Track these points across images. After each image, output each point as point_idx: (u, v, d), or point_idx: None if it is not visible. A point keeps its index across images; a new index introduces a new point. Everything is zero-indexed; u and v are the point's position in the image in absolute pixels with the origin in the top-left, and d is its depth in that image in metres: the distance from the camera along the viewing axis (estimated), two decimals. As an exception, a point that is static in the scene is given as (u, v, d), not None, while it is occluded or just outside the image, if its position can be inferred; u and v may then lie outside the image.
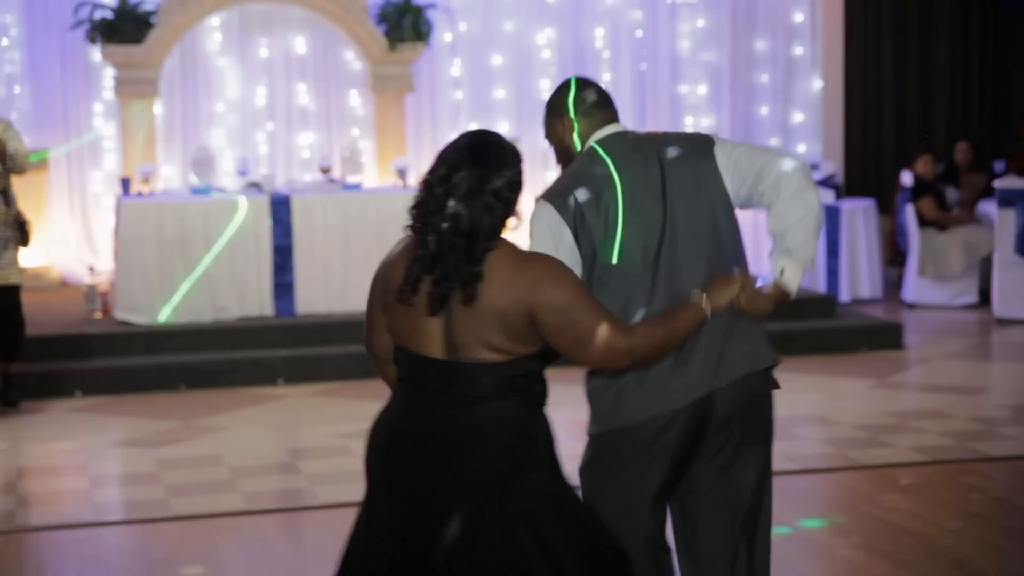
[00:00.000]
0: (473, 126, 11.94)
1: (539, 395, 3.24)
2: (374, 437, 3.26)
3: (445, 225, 3.09)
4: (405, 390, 3.24)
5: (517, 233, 3.23)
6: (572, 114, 3.64)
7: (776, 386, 3.77)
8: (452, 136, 3.37)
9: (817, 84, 12.54)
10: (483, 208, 3.10)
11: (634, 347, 3.20)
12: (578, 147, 3.64)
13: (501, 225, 3.14)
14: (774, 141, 12.46)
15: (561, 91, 3.68)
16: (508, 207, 3.14)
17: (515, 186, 3.16)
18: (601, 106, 3.66)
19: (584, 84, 3.69)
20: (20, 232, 7.91)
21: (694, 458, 3.60)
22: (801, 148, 12.49)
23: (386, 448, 3.22)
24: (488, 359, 3.13)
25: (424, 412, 3.18)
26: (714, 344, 3.54)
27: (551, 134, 3.70)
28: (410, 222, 3.18)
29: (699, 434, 3.56)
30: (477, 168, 3.11)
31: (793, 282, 3.66)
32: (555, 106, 3.67)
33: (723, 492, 3.68)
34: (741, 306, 3.55)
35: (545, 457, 3.22)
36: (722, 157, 3.55)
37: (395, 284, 3.18)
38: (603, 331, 3.14)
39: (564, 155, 3.68)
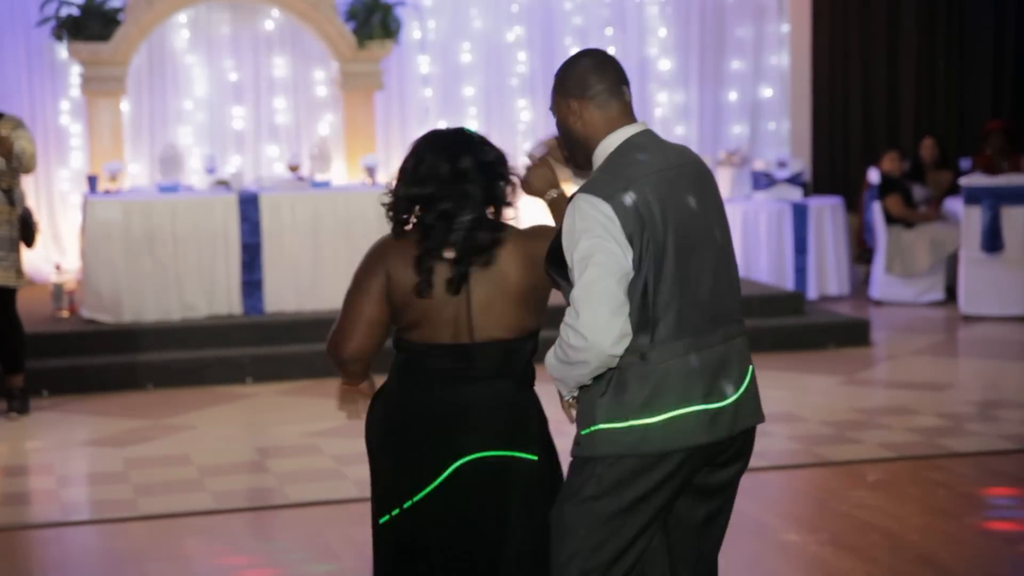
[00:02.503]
0: (443, 124, 11.95)
1: (533, 375, 3.48)
2: (394, 423, 3.41)
3: (467, 212, 3.32)
4: (416, 376, 3.37)
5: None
6: (582, 96, 3.17)
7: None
8: (421, 133, 3.44)
9: (785, 84, 12.60)
10: (497, 178, 3.37)
11: None
12: (591, 141, 3.21)
13: (511, 193, 3.41)
14: (739, 129, 12.52)
15: (568, 68, 3.21)
16: (509, 177, 3.40)
17: (504, 158, 3.42)
18: (614, 90, 3.19)
19: (600, 62, 3.20)
20: (25, 232, 7.82)
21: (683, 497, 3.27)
22: (771, 145, 12.56)
23: (407, 429, 3.38)
24: (499, 336, 3.35)
25: (448, 390, 3.35)
26: (737, 378, 3.24)
27: (557, 114, 3.26)
28: (403, 216, 3.34)
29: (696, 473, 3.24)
30: (475, 148, 3.36)
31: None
32: (561, 86, 3.22)
33: (700, 538, 3.32)
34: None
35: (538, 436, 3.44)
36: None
37: (408, 281, 3.32)
38: None
39: (575, 145, 3.26)
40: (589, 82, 3.16)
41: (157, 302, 9.04)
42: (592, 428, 3.13)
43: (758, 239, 11.39)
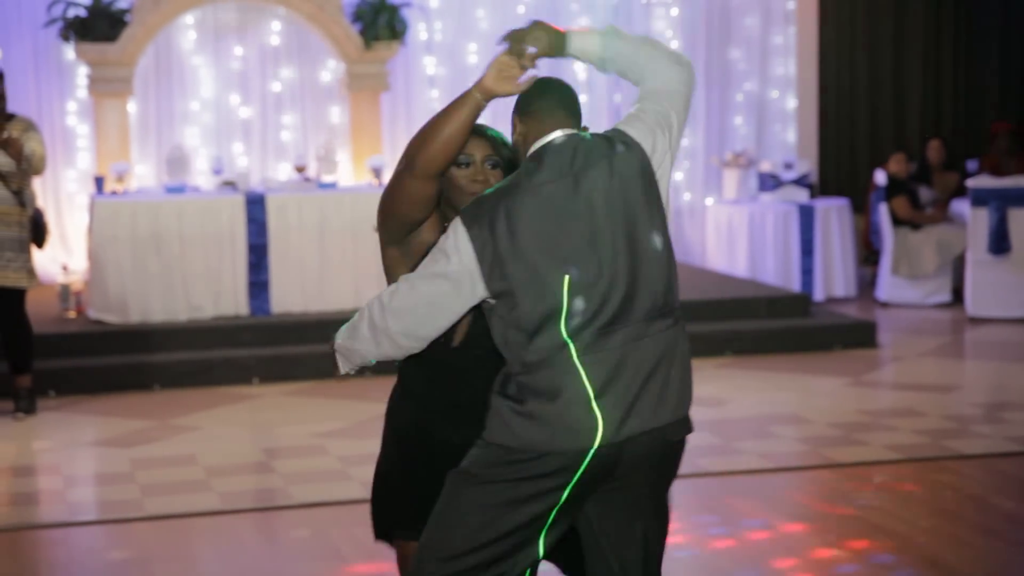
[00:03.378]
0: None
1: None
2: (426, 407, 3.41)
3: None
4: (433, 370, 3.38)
5: None
6: (519, 113, 3.27)
7: (691, 430, 3.25)
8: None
9: (792, 85, 12.60)
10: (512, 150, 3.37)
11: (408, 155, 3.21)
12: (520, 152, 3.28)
13: None
14: (745, 131, 12.51)
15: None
16: None
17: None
18: (552, 109, 3.22)
19: (545, 82, 3.28)
20: (36, 233, 7.82)
21: (590, 503, 3.21)
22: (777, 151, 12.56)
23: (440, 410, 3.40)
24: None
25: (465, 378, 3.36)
26: (634, 382, 3.10)
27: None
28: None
29: (601, 479, 3.14)
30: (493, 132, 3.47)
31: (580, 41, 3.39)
32: (516, 101, 3.30)
33: (620, 543, 3.25)
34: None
35: None
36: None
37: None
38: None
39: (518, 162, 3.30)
40: (531, 98, 3.24)
41: (164, 303, 9.05)
42: (493, 414, 3.15)
43: (764, 241, 11.39)
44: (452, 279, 3.10)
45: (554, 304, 3.06)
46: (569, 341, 3.06)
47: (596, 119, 12.39)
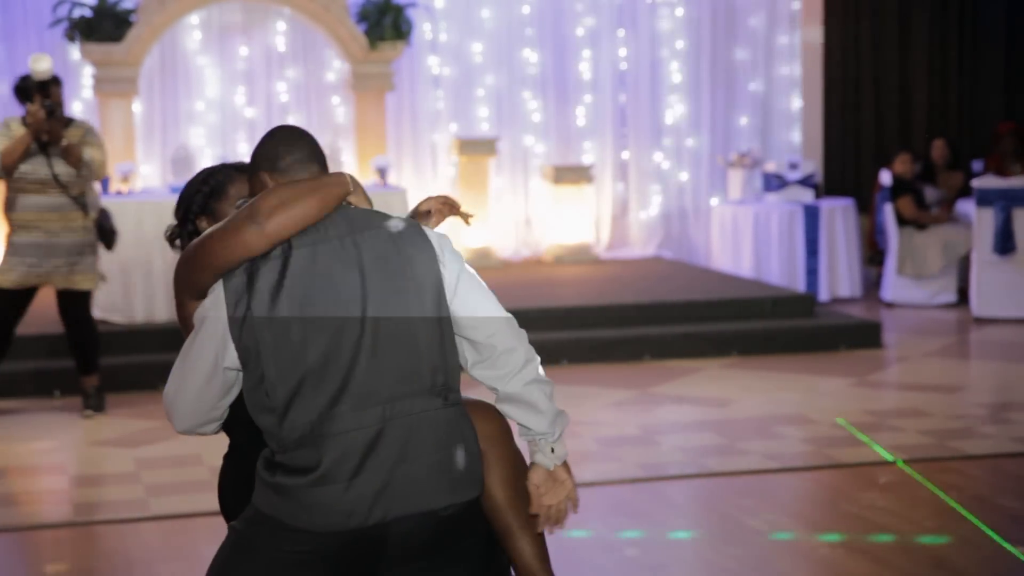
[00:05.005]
0: (454, 126, 11.98)
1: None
2: None
3: None
4: None
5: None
6: (268, 170, 2.98)
7: (459, 508, 2.95)
8: (432, 135, 3.41)
9: (797, 86, 12.60)
10: None
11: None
12: None
13: None
14: (750, 131, 12.51)
15: (261, 142, 3.02)
16: None
17: None
18: (305, 163, 2.99)
19: (290, 133, 3.03)
20: (105, 235, 7.83)
21: None
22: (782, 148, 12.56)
23: None
24: None
25: None
26: (389, 461, 2.87)
27: (252, 191, 3.03)
28: None
29: (370, 563, 2.93)
30: None
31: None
32: (253, 159, 3.02)
33: None
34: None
35: None
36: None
37: None
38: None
39: None
40: (279, 154, 2.96)
41: (169, 303, 9.06)
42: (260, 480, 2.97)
43: (769, 241, 11.39)
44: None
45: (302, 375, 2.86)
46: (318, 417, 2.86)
47: (599, 119, 12.39)
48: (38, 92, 7.62)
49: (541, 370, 3.03)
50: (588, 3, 12.21)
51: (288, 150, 2.98)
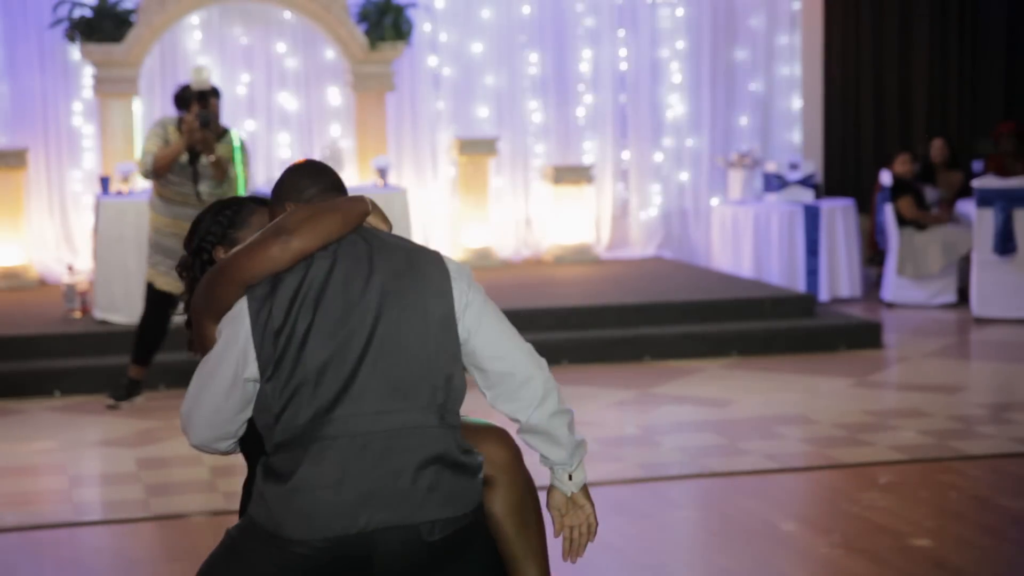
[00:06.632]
0: (454, 126, 11.98)
1: None
2: None
3: None
4: None
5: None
6: (293, 200, 3.07)
7: (452, 532, 2.96)
8: (433, 135, 3.42)
9: (797, 86, 12.60)
10: None
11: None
12: None
13: None
14: (751, 131, 12.50)
15: (285, 175, 3.14)
16: None
17: None
18: (329, 192, 3.09)
19: (313, 167, 3.15)
20: None
21: None
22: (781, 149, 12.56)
23: None
24: None
25: None
26: (377, 472, 2.90)
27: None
28: None
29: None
30: None
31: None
32: (277, 190, 3.12)
33: None
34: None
35: None
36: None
37: None
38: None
39: None
40: (302, 185, 3.08)
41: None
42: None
43: (770, 241, 11.39)
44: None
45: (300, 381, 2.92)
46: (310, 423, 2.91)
47: (600, 119, 12.39)
48: (196, 102, 7.64)
49: (561, 399, 3.08)
50: (588, 3, 12.21)
51: (313, 181, 3.08)
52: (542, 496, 3.17)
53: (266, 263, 2.93)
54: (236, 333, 2.94)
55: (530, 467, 3.21)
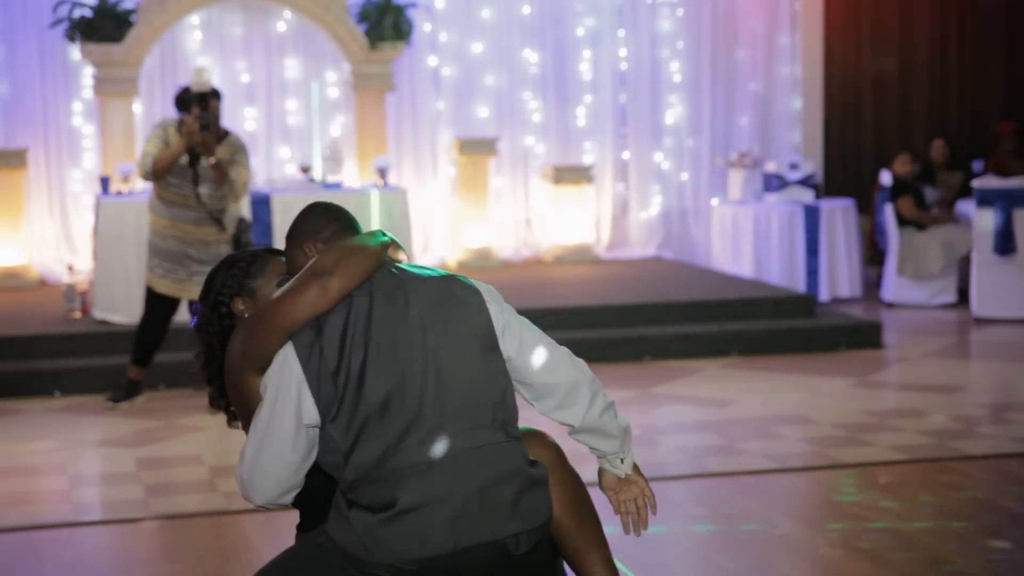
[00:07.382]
0: (454, 125, 11.97)
1: None
2: None
3: None
4: None
5: None
6: (314, 241, 3.15)
7: (536, 545, 3.09)
8: (433, 135, 3.45)
9: (797, 86, 12.60)
10: None
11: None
12: None
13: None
14: (750, 131, 12.50)
15: (300, 218, 3.21)
16: None
17: None
18: (347, 230, 3.19)
19: (327, 208, 3.23)
20: (239, 247, 7.83)
21: None
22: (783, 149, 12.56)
23: None
24: None
25: None
26: (458, 488, 2.98)
27: (293, 266, 3.19)
28: None
29: None
30: None
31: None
32: (294, 233, 3.20)
33: None
34: None
35: None
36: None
37: None
38: None
39: None
40: (319, 226, 3.16)
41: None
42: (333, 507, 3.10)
43: (770, 241, 11.39)
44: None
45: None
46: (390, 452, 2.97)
47: (600, 119, 12.39)
48: (197, 103, 7.64)
49: (604, 393, 3.20)
50: (588, 3, 12.21)
51: (328, 221, 3.16)
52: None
53: (308, 307, 2.96)
54: (287, 382, 2.96)
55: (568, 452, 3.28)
